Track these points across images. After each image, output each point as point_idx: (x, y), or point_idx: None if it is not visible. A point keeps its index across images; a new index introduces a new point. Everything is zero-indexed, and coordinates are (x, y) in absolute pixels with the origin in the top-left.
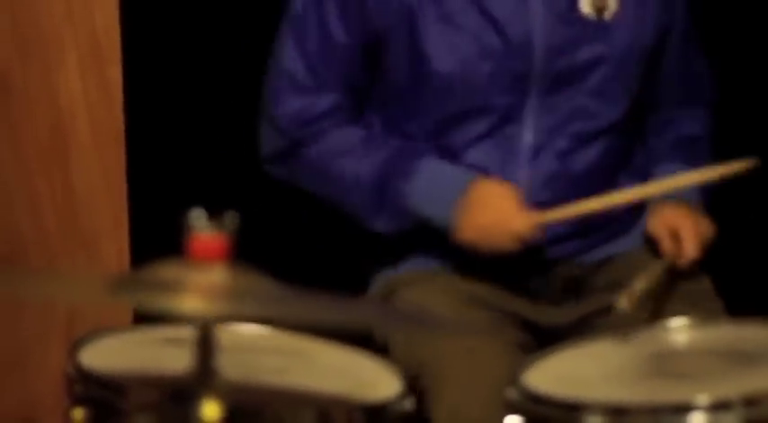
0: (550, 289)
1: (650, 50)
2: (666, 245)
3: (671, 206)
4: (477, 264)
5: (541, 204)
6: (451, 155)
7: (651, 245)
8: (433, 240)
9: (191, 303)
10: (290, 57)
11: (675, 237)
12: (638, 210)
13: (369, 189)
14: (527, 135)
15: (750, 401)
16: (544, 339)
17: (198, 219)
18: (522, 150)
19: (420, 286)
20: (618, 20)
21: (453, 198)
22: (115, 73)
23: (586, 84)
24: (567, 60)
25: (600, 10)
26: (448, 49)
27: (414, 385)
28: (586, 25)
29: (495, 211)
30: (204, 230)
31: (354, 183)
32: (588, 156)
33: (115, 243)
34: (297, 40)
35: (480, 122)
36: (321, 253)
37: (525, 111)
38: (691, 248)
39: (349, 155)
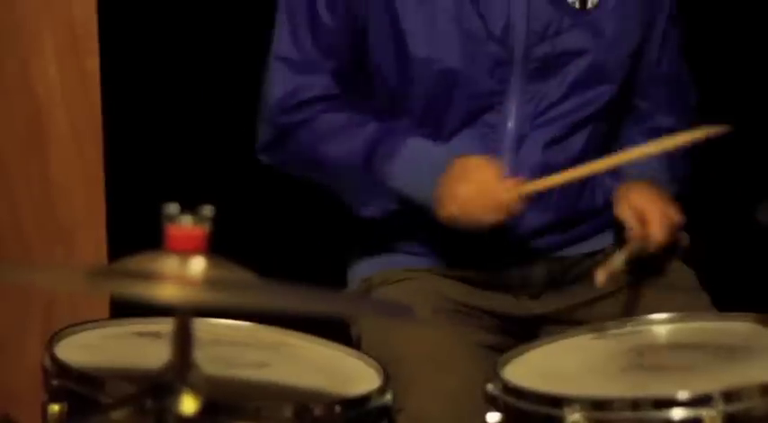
0: (530, 284)
1: (633, 44)
2: (634, 229)
3: (637, 189)
4: (455, 260)
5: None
6: (436, 143)
7: (619, 228)
8: (411, 238)
9: (168, 291)
10: (282, 42)
11: (642, 220)
12: None
13: (356, 172)
14: (509, 123)
15: (730, 396)
16: (521, 333)
17: (174, 211)
18: (506, 139)
19: (397, 285)
20: (600, 10)
21: (434, 176)
22: (93, 64)
23: (568, 72)
24: (547, 47)
25: None
26: (428, 32)
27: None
28: (569, 13)
29: (477, 183)
30: (181, 222)
31: (342, 167)
32: (572, 145)
33: (92, 235)
34: (289, 26)
35: (462, 109)
36: (298, 247)
37: (507, 98)
38: (657, 232)
39: (335, 139)
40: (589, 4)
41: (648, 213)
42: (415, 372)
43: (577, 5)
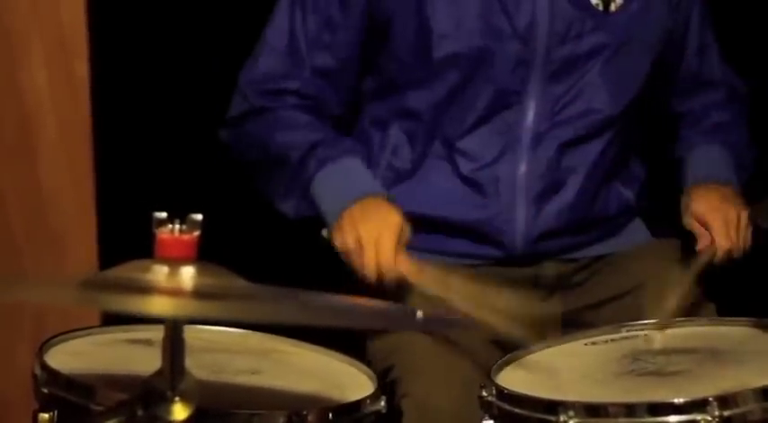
0: (540, 284)
1: (657, 48)
2: (700, 239)
3: (698, 195)
4: (464, 256)
5: (538, 195)
6: (449, 141)
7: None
8: (419, 232)
9: (159, 304)
10: (277, 28)
11: (706, 229)
12: (629, 212)
13: (291, 164)
14: (527, 122)
15: (726, 400)
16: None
17: (164, 218)
18: (523, 138)
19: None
20: (623, 13)
21: (349, 199)
22: (82, 68)
23: (588, 73)
24: (568, 49)
25: (607, 1)
26: (453, 26)
27: (385, 377)
28: (591, 14)
29: (375, 226)
30: (171, 230)
31: (280, 156)
32: (589, 148)
33: (83, 241)
34: (289, 14)
35: (481, 106)
36: (290, 252)
37: (526, 97)
38: (722, 241)
39: (289, 131)
40: (612, 7)
41: (710, 221)
42: (422, 358)
43: (601, 8)
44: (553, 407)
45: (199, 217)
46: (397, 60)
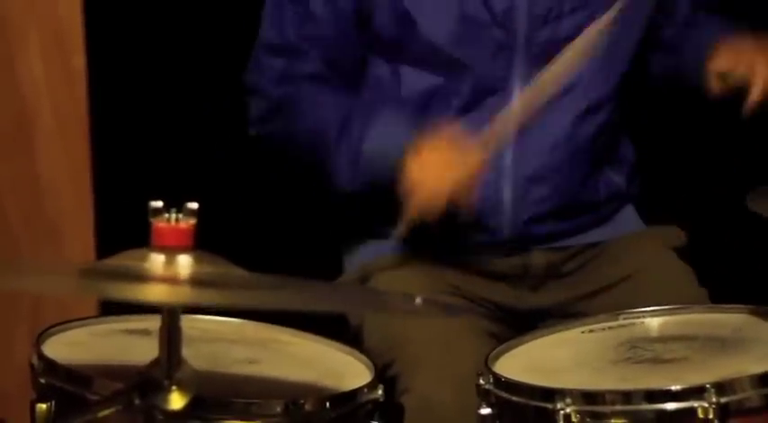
0: (529, 274)
1: (641, 24)
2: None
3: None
4: (453, 246)
5: (524, 179)
6: (436, 128)
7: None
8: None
9: (156, 292)
10: (271, 26)
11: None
12: (618, 201)
13: (334, 131)
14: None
15: (723, 387)
16: (520, 324)
17: (160, 206)
18: (509, 123)
19: (395, 272)
20: None
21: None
22: (78, 61)
23: None
24: (549, 31)
25: None
26: (431, 17)
27: (384, 373)
28: None
29: (442, 150)
30: (167, 219)
31: (324, 125)
32: (578, 131)
33: (80, 232)
34: (275, 15)
35: (465, 93)
36: (288, 240)
37: (511, 82)
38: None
39: (325, 108)
40: None
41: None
42: (421, 354)
43: None
44: (550, 394)
45: (195, 205)
46: (380, 50)
